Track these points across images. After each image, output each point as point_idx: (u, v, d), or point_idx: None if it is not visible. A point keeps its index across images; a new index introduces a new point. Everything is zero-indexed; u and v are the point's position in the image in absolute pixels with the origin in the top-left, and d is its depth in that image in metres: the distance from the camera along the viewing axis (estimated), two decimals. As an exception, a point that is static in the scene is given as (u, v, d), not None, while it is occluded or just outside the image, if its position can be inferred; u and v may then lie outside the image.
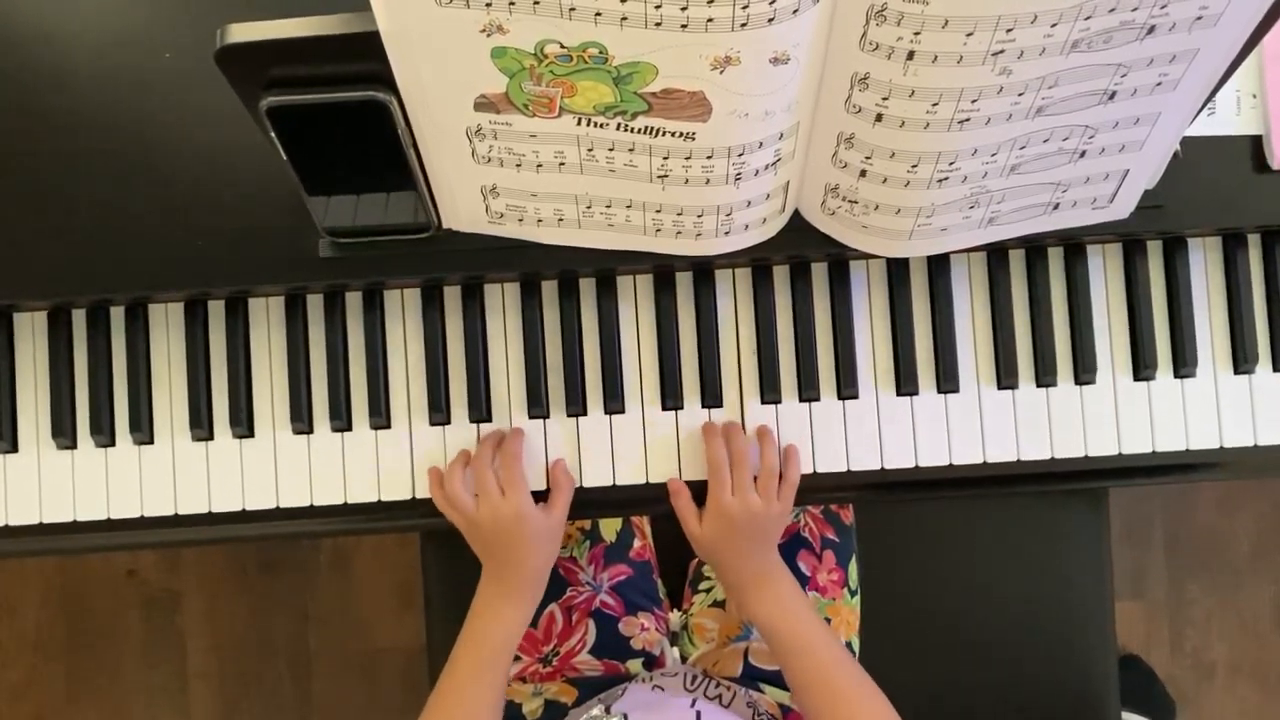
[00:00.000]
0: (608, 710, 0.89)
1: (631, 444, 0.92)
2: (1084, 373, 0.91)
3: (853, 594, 1.09)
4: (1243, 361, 0.91)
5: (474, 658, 0.87)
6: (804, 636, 0.88)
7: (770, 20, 0.59)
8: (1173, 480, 0.94)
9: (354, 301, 0.92)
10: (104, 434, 0.92)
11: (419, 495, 0.92)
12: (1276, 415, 0.91)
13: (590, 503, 0.92)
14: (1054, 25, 0.61)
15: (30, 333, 0.93)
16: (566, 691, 1.02)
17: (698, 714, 0.87)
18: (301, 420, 0.91)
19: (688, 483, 0.90)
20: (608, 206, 0.78)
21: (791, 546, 1.06)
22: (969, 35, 0.61)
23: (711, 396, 0.91)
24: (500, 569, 0.88)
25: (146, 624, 1.73)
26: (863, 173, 0.74)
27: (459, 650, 0.88)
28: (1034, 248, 0.91)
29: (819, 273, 0.92)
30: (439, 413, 0.91)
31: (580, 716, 0.92)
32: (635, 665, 1.05)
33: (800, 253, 0.88)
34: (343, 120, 0.70)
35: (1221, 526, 1.74)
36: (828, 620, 1.05)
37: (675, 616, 1.09)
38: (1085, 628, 1.15)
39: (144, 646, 1.73)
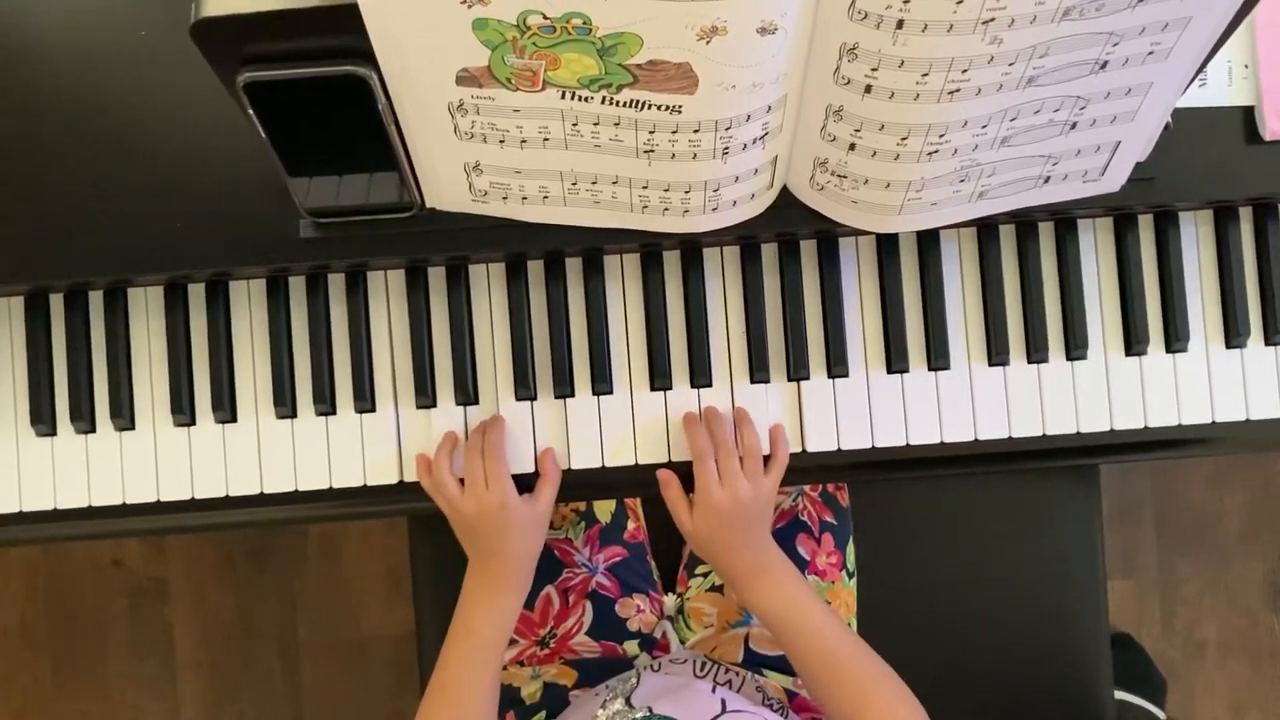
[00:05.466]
0: (628, 701, 0.87)
1: (620, 425, 0.91)
2: (1075, 348, 0.90)
3: (850, 576, 1.08)
4: (1235, 336, 0.90)
5: (465, 649, 0.87)
6: (810, 623, 0.87)
7: (757, -12, 0.58)
8: (1166, 457, 0.93)
9: (337, 283, 0.91)
10: (84, 420, 0.90)
11: (406, 479, 0.91)
12: (1268, 389, 0.91)
13: (581, 484, 0.91)
14: (1045, -8, 0.60)
15: (7, 318, 0.91)
16: (565, 674, 1.01)
17: (722, 702, 0.86)
18: (285, 404, 0.90)
19: (678, 464, 0.89)
20: (593, 183, 0.77)
21: (790, 530, 1.05)
22: (959, 2, 0.60)
23: (700, 376, 0.90)
24: (486, 559, 0.87)
25: (133, 614, 1.71)
26: (852, 146, 0.73)
27: (450, 644, 0.87)
28: (1025, 223, 0.90)
29: (808, 250, 0.91)
30: (425, 395, 0.90)
31: (599, 714, 0.89)
32: (632, 647, 1.04)
33: (789, 230, 0.87)
34: (323, 96, 0.68)
35: (1212, 505, 1.74)
36: (827, 603, 1.04)
37: (670, 600, 1.08)
38: (1078, 607, 1.14)
39: (131, 637, 1.71)
